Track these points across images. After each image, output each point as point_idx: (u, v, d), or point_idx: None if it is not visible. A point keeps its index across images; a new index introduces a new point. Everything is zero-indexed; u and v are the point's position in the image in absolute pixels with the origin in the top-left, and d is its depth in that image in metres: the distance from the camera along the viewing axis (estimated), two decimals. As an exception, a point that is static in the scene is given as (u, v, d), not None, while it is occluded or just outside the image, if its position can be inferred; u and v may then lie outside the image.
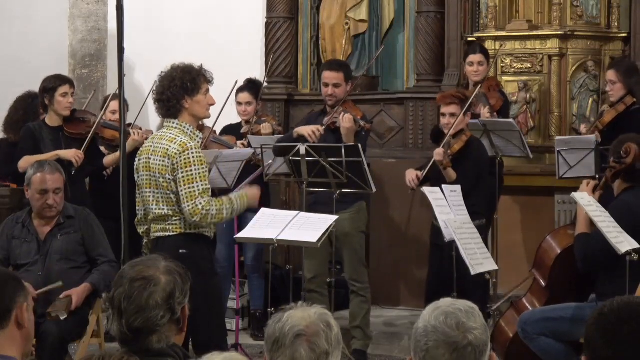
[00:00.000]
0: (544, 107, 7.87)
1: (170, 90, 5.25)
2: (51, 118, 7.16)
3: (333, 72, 7.08)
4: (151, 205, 5.28)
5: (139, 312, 2.98)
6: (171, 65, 5.37)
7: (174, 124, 5.29)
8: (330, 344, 2.72)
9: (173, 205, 5.22)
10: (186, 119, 5.28)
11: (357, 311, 7.01)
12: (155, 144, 5.30)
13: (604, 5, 8.00)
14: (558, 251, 5.95)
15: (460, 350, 2.60)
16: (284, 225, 6.26)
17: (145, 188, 5.32)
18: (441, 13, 8.32)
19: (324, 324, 2.74)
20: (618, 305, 2.59)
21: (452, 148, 6.68)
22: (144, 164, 5.33)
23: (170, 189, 5.21)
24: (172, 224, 5.26)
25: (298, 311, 2.75)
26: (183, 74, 5.27)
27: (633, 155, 5.61)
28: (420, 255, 7.68)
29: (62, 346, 5.80)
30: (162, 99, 5.29)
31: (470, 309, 2.67)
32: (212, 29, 9.41)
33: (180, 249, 5.16)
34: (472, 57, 7.55)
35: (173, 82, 5.26)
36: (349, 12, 8.74)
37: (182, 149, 5.17)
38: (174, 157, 5.17)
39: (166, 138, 5.25)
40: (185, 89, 5.25)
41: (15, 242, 5.98)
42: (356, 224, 6.97)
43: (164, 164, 5.21)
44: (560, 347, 5.66)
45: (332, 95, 7.00)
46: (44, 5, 9.97)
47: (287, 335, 2.70)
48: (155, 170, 5.25)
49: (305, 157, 6.45)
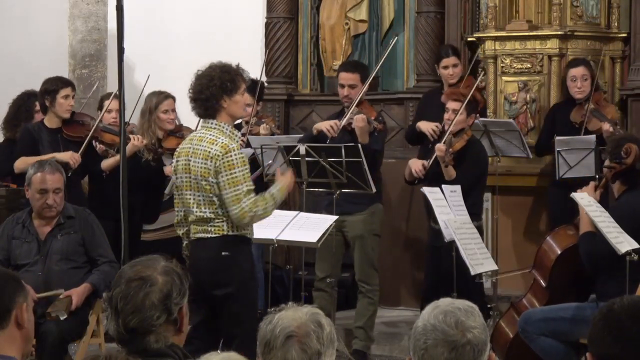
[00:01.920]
0: (544, 107, 7.87)
1: (209, 90, 5.17)
2: (50, 120, 7.15)
3: (348, 73, 7.06)
4: (192, 207, 5.20)
5: (135, 312, 2.98)
6: (209, 64, 5.29)
7: (212, 125, 5.21)
8: (322, 343, 2.71)
9: (215, 208, 5.14)
10: (224, 118, 5.21)
11: (363, 312, 7.02)
12: (194, 145, 5.21)
13: (604, 5, 7.99)
14: (558, 252, 5.95)
15: (459, 349, 2.59)
16: (284, 225, 6.27)
17: (185, 190, 5.23)
18: (441, 13, 8.31)
19: (315, 324, 2.72)
20: (628, 303, 2.59)
21: (454, 146, 6.66)
22: (183, 166, 5.24)
23: (212, 192, 5.13)
24: (215, 226, 5.17)
25: (289, 312, 2.74)
26: (222, 73, 5.20)
27: (634, 156, 5.61)
28: (420, 255, 7.68)
29: (62, 346, 5.81)
30: (200, 98, 5.21)
31: (470, 308, 2.67)
32: (212, 29, 9.40)
33: (222, 250, 5.13)
34: (445, 60, 7.50)
35: (212, 82, 5.17)
36: (349, 12, 8.73)
37: (225, 151, 5.10)
38: (216, 159, 5.09)
39: (206, 140, 5.17)
40: (224, 89, 5.18)
41: (15, 242, 5.98)
42: (369, 226, 6.96)
43: (207, 166, 5.13)
44: (560, 347, 5.66)
45: (348, 97, 6.98)
46: (44, 5, 9.96)
47: (278, 337, 2.69)
48: (197, 173, 5.17)
49: (305, 157, 6.46)
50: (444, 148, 6.57)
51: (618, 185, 5.71)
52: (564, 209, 6.56)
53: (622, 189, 5.69)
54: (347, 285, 7.65)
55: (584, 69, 7.34)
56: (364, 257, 6.97)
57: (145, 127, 7.21)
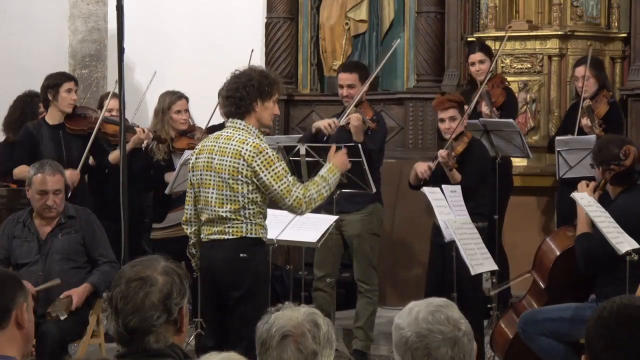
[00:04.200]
0: (544, 107, 7.87)
1: (245, 89, 5.16)
2: (52, 115, 7.13)
3: (347, 73, 7.07)
4: (213, 205, 5.17)
5: (135, 312, 2.97)
6: (249, 66, 5.32)
7: (240, 125, 5.19)
8: (319, 343, 2.71)
9: (238, 207, 5.12)
10: (252, 121, 5.19)
11: (362, 312, 7.02)
12: (221, 144, 5.18)
13: (604, 6, 8.00)
14: (557, 253, 5.94)
15: (459, 343, 2.61)
16: (284, 225, 6.27)
17: (205, 188, 5.20)
18: (441, 13, 8.31)
19: (311, 324, 2.73)
20: (618, 308, 2.58)
21: (456, 150, 6.64)
22: (204, 163, 5.21)
23: (239, 191, 5.11)
24: (233, 227, 5.15)
25: (286, 312, 2.75)
26: (261, 77, 5.20)
27: (632, 157, 5.62)
28: (420, 255, 7.68)
29: (62, 346, 5.81)
30: (234, 96, 5.19)
31: (446, 302, 2.70)
32: (212, 29, 9.40)
33: (240, 252, 5.12)
34: (472, 56, 7.56)
35: (250, 82, 5.17)
36: (349, 13, 8.73)
37: (258, 151, 5.09)
38: (250, 160, 5.08)
39: (236, 139, 5.14)
40: (260, 92, 5.17)
41: (16, 241, 5.98)
42: (367, 225, 6.96)
43: (236, 165, 5.11)
44: (560, 348, 5.66)
45: (347, 97, 6.99)
46: (44, 5, 9.96)
47: (274, 337, 2.69)
48: (223, 171, 5.14)
49: (305, 157, 6.46)
50: (446, 153, 6.55)
51: (615, 187, 5.71)
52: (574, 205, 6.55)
53: (619, 190, 5.70)
54: (347, 285, 7.65)
55: (583, 69, 7.35)
56: (363, 257, 6.97)
57: (159, 127, 7.22)
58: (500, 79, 7.58)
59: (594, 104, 7.27)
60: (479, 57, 7.50)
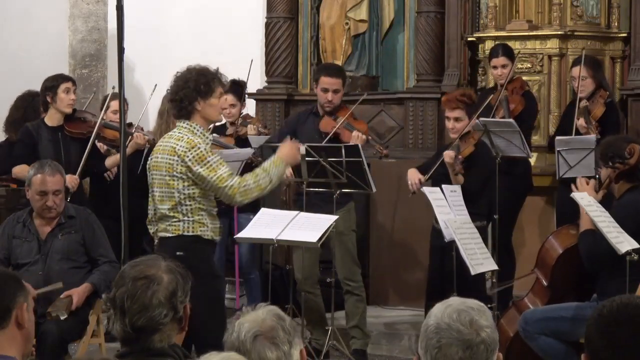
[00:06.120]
0: (543, 107, 7.87)
1: (183, 91, 5.26)
2: (51, 117, 7.13)
3: (333, 77, 7.01)
4: (157, 203, 5.30)
5: (142, 311, 2.98)
6: (187, 66, 5.37)
7: (184, 125, 5.29)
8: (288, 332, 2.74)
9: (174, 204, 5.21)
10: (197, 120, 5.28)
11: (354, 310, 6.98)
12: (164, 143, 5.32)
13: (604, 5, 8.00)
14: (560, 251, 5.95)
15: (473, 348, 2.58)
16: (284, 225, 6.27)
17: (152, 187, 5.35)
18: (441, 13, 8.31)
19: (276, 317, 2.76)
20: (617, 307, 2.58)
21: (462, 152, 6.58)
22: (153, 163, 5.34)
23: (175, 187, 5.21)
24: (172, 225, 5.26)
25: (247, 316, 2.77)
26: (197, 76, 5.27)
27: (637, 156, 5.62)
28: (420, 255, 7.68)
29: (62, 346, 5.80)
30: (175, 99, 5.31)
31: (482, 307, 2.67)
32: (212, 29, 9.41)
33: (177, 250, 5.14)
34: (494, 60, 7.44)
35: (187, 84, 5.26)
36: (349, 12, 8.73)
37: (190, 146, 5.18)
38: (183, 155, 5.17)
39: (174, 137, 5.27)
40: (198, 91, 5.25)
41: (16, 241, 5.98)
42: (347, 223, 6.95)
43: (170, 161, 5.21)
44: (560, 347, 5.66)
45: (332, 102, 6.98)
46: (44, 5, 9.97)
47: (246, 341, 2.71)
48: (162, 168, 5.26)
49: (305, 157, 6.45)
50: (452, 154, 6.49)
51: (620, 186, 5.72)
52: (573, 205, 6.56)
53: (625, 188, 5.70)
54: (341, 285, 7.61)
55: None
56: (346, 254, 6.94)
57: (163, 128, 7.23)
58: (521, 83, 7.49)
59: (590, 104, 7.27)
60: (502, 62, 7.42)
